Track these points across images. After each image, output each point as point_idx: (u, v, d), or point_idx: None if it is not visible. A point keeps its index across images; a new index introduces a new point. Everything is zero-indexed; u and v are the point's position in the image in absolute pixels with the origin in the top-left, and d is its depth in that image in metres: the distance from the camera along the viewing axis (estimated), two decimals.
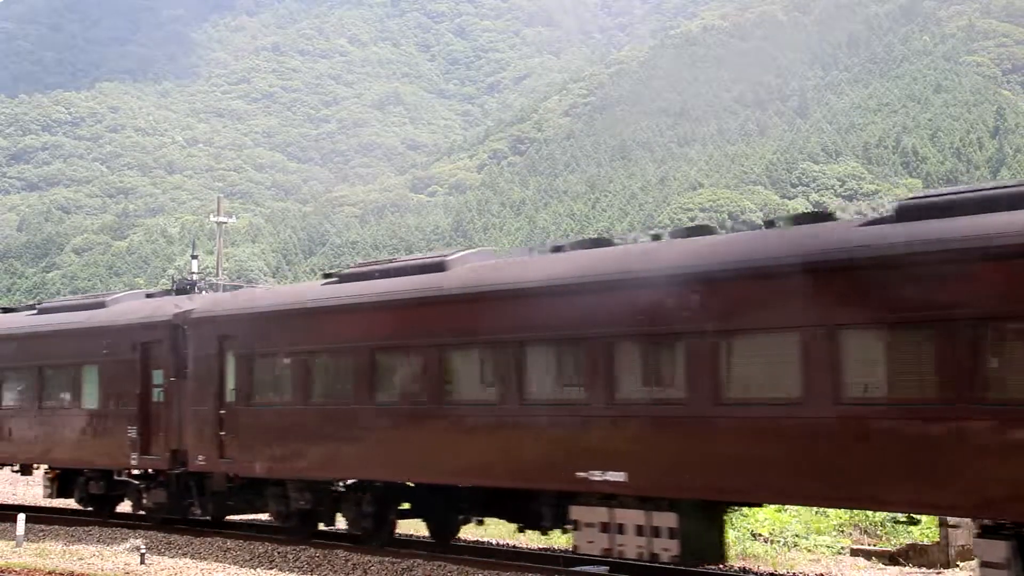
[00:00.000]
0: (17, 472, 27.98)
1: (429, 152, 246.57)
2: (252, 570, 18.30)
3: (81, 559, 19.96)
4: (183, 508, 22.39)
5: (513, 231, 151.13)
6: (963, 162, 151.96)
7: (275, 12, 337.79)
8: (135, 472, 23.34)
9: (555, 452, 15.29)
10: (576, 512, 15.35)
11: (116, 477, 23.81)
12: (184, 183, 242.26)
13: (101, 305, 24.46)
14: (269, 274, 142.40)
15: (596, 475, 14.73)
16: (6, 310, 28.60)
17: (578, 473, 14.85)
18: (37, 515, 25.24)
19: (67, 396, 24.50)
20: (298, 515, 20.18)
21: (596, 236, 17.92)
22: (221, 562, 19.21)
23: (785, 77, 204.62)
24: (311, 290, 20.12)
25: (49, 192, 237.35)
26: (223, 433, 20.56)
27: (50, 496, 25.46)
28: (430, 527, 19.55)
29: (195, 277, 47.22)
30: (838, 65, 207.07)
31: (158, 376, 22.33)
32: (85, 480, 24.56)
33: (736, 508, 16.27)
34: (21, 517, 22.54)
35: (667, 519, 14.36)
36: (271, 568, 18.46)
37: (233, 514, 22.71)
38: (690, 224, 18.99)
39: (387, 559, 18.03)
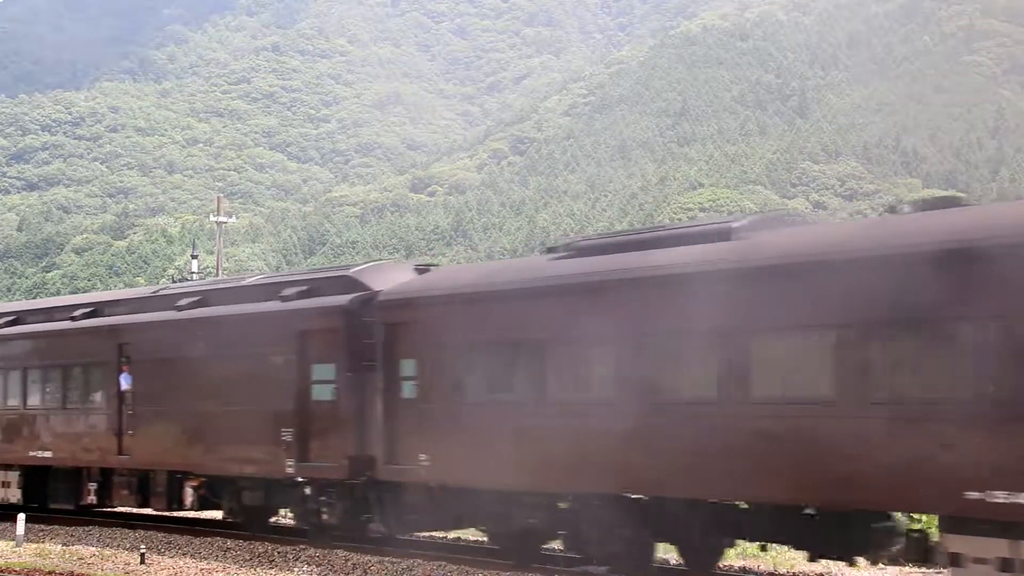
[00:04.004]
0: None
1: (429, 152, 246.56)
2: (252, 570, 18.30)
3: (81, 559, 19.96)
4: None
5: (513, 231, 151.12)
6: (963, 162, 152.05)
7: (275, 12, 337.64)
8: None
9: None
10: None
11: None
12: (184, 183, 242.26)
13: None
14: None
15: None
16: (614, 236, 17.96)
17: None
18: (37, 515, 25.24)
19: None
20: None
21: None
22: (221, 562, 19.20)
23: (785, 77, 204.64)
24: None
25: (49, 192, 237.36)
26: None
27: None
28: None
29: (195, 277, 47.33)
30: (838, 65, 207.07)
31: None
32: None
33: None
34: (21, 517, 22.54)
35: None
36: (271, 568, 18.46)
37: None
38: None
39: (387, 559, 18.02)
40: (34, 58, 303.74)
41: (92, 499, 23.99)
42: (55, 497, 25.18)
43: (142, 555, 19.37)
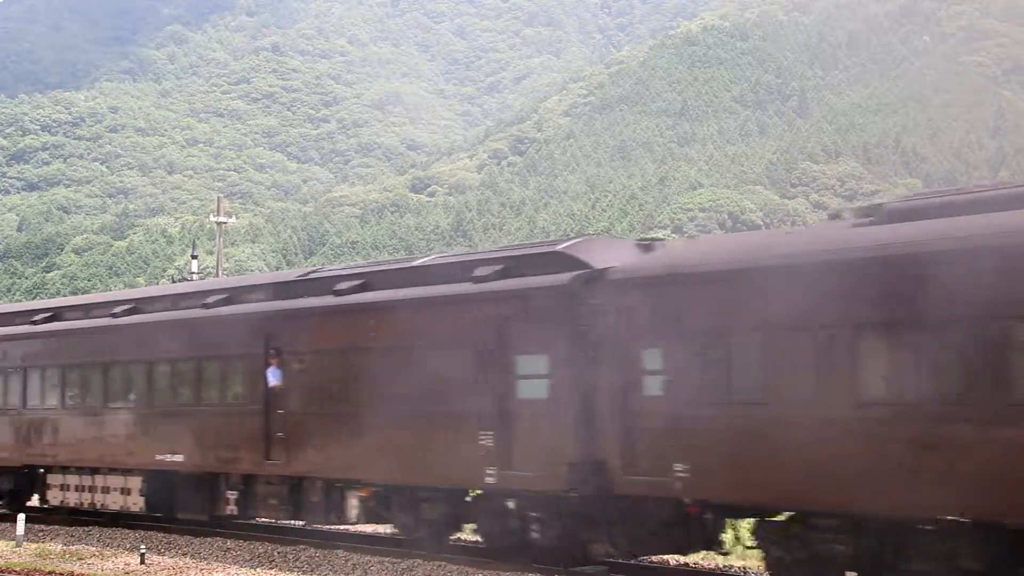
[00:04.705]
0: None
1: (429, 152, 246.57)
2: (252, 570, 18.28)
3: (81, 559, 19.94)
4: None
5: (513, 231, 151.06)
6: (962, 162, 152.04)
7: (275, 12, 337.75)
8: None
9: None
10: None
11: None
12: (184, 183, 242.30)
13: None
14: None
15: None
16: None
17: None
18: (37, 515, 25.21)
19: None
20: None
21: None
22: (221, 562, 19.18)
23: (785, 77, 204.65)
24: None
25: (49, 192, 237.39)
26: None
27: None
28: None
29: (195, 277, 47.32)
30: (838, 65, 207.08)
31: None
32: None
33: None
34: (21, 517, 22.50)
35: None
36: (271, 568, 18.44)
37: None
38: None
39: (387, 559, 17.99)
40: (34, 58, 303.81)
41: (232, 509, 21.03)
42: (185, 506, 22.16)
43: (142, 555, 19.34)
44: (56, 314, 26.10)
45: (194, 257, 52.10)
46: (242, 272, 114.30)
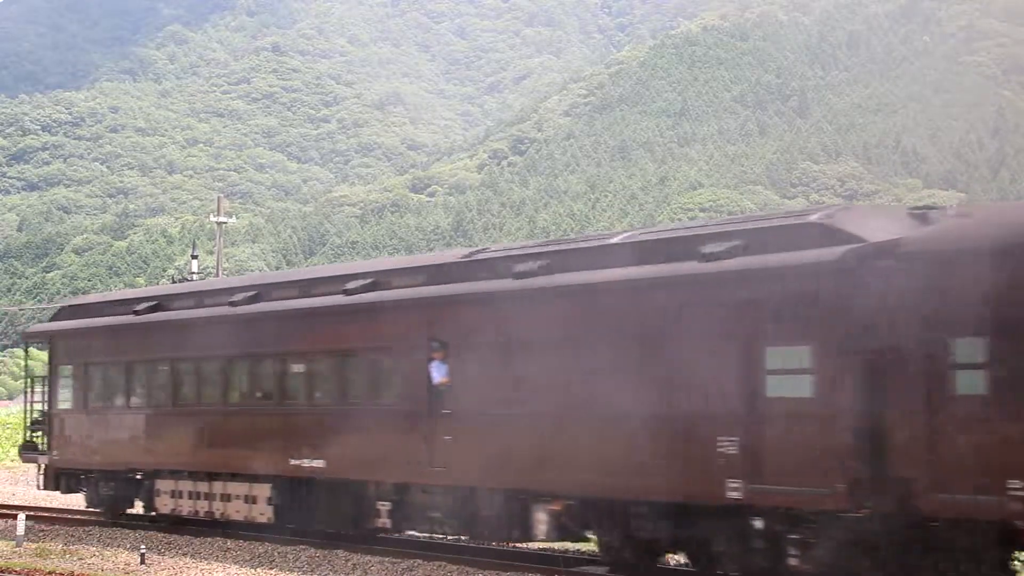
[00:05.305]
0: None
1: (429, 152, 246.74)
2: (252, 570, 18.27)
3: (81, 559, 19.92)
4: None
5: (513, 231, 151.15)
6: (963, 162, 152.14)
7: (275, 12, 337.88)
8: None
9: None
10: None
11: None
12: (184, 183, 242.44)
13: None
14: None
15: None
16: None
17: None
18: (37, 515, 25.20)
19: None
20: None
21: None
22: (221, 562, 19.18)
23: (785, 77, 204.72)
24: None
25: (49, 192, 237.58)
26: None
27: None
28: None
29: (195, 277, 47.28)
30: (838, 65, 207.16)
31: None
32: None
33: None
34: (21, 517, 22.48)
35: None
36: (271, 568, 18.43)
37: None
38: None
39: (387, 559, 18.00)
40: (34, 58, 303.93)
41: (384, 522, 18.44)
42: (327, 518, 19.50)
43: (142, 555, 19.33)
44: (161, 303, 23.26)
45: (194, 257, 52.01)
46: (242, 272, 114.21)
